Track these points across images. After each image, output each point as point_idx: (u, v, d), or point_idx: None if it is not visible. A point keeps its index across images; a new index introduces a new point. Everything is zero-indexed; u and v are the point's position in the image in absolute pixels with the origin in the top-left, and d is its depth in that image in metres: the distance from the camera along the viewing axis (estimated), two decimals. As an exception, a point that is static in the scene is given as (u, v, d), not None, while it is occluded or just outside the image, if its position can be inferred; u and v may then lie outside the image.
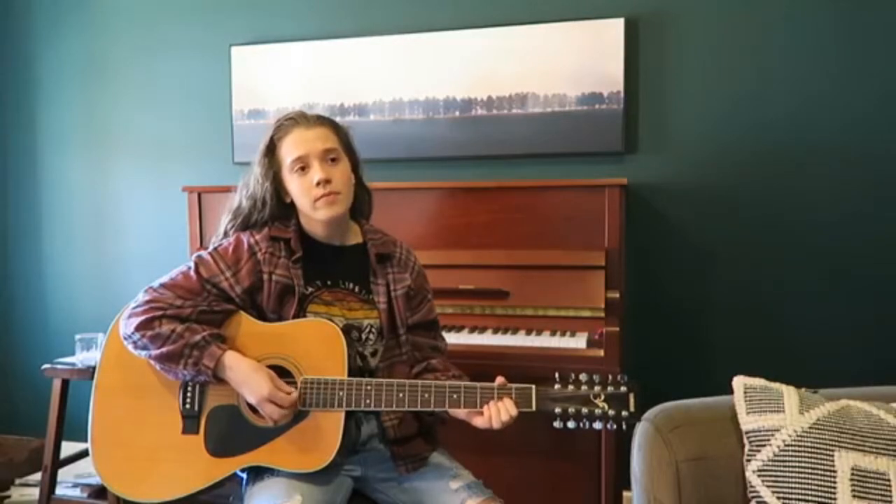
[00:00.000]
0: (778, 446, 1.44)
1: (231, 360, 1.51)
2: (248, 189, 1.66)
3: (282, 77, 3.04)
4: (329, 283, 1.63)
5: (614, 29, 2.67)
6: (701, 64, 2.67)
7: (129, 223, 3.31)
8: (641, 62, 2.70)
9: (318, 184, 1.57)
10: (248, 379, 1.49)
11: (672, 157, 2.70)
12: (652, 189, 2.71)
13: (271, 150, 1.63)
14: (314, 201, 1.58)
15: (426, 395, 1.50)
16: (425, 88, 2.88)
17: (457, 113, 2.86)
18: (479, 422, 1.50)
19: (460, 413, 1.52)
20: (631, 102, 2.70)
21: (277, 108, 3.01)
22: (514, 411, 1.47)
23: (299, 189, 1.60)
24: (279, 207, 1.65)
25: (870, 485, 1.38)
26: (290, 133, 1.61)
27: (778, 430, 1.45)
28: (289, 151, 1.60)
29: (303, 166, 1.59)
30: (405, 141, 2.91)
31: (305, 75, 3.02)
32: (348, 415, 1.54)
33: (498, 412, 1.47)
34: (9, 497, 2.94)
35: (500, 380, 1.51)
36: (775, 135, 2.62)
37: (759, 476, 1.44)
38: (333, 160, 1.61)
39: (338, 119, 1.71)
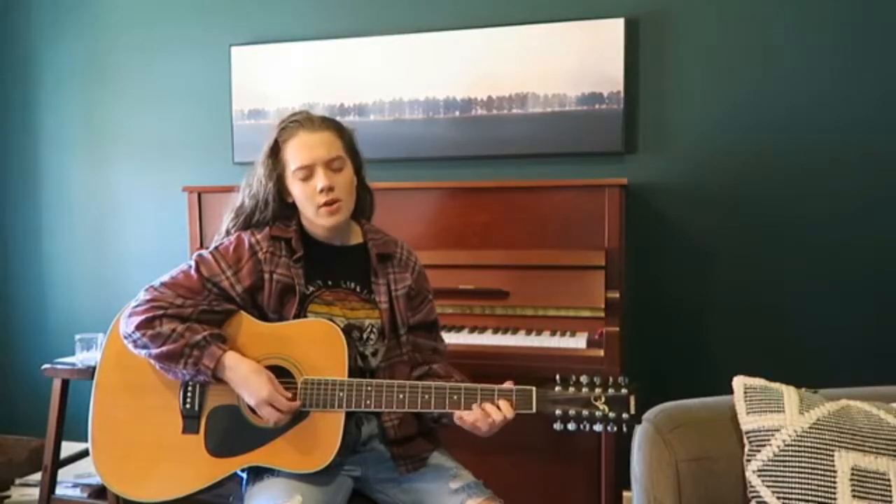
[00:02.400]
0: (778, 446, 1.44)
1: (231, 360, 1.51)
2: (250, 189, 1.66)
3: (282, 77, 3.04)
4: (330, 282, 1.63)
5: (614, 29, 2.67)
6: (701, 64, 2.67)
7: (129, 223, 3.31)
8: (641, 62, 2.70)
9: (321, 191, 1.57)
10: (247, 380, 1.49)
11: (672, 157, 2.70)
12: (652, 189, 2.71)
13: (275, 152, 1.63)
14: (317, 208, 1.59)
15: (426, 397, 1.50)
16: (425, 88, 2.88)
17: (457, 113, 2.86)
18: (477, 424, 1.49)
19: (466, 424, 1.50)
20: (631, 102, 2.70)
21: (277, 108, 3.01)
22: (510, 413, 1.46)
23: (302, 194, 1.60)
24: (281, 207, 1.65)
25: (870, 485, 1.38)
26: (295, 136, 1.61)
27: (778, 430, 1.45)
28: (293, 157, 1.60)
29: (307, 174, 1.59)
30: (405, 141, 2.91)
31: (305, 75, 3.02)
32: (348, 415, 1.54)
33: (485, 413, 1.46)
34: (9, 497, 2.94)
35: (508, 384, 1.50)
36: (775, 135, 2.62)
37: (759, 476, 1.44)
38: (337, 168, 1.60)
39: (338, 119, 1.70)
